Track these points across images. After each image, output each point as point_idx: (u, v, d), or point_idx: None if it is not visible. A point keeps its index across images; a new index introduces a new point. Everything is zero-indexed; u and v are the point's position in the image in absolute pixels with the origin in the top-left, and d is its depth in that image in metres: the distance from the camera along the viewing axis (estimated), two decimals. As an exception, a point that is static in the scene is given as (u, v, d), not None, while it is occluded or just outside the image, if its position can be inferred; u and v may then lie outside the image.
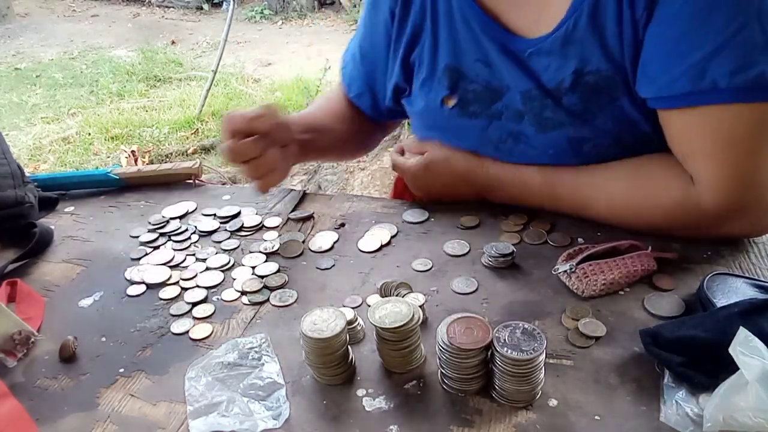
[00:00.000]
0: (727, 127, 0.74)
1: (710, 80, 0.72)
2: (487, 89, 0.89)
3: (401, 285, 0.79)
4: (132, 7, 7.93)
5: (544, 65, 0.83)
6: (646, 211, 0.83)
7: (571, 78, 0.81)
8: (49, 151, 4.06)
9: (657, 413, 0.60)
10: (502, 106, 0.88)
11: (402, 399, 0.65)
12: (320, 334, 0.64)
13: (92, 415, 0.67)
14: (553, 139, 0.86)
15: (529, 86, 0.85)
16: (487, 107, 0.89)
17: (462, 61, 0.90)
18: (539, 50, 0.83)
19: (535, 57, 0.83)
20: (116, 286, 0.87)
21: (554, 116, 0.84)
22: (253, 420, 0.62)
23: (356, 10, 6.96)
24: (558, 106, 0.84)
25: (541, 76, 0.84)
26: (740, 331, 0.57)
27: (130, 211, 1.06)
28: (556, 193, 0.89)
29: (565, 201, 0.89)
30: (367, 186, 3.15)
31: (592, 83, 0.81)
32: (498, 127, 0.90)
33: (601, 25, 0.78)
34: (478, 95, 0.90)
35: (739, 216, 0.79)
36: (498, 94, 0.88)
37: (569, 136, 0.85)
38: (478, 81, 0.89)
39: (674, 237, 0.84)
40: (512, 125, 0.88)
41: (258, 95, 4.83)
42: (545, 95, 0.84)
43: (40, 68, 5.84)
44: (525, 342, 0.61)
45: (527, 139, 0.88)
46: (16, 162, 1.02)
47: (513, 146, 0.90)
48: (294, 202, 1.04)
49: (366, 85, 1.07)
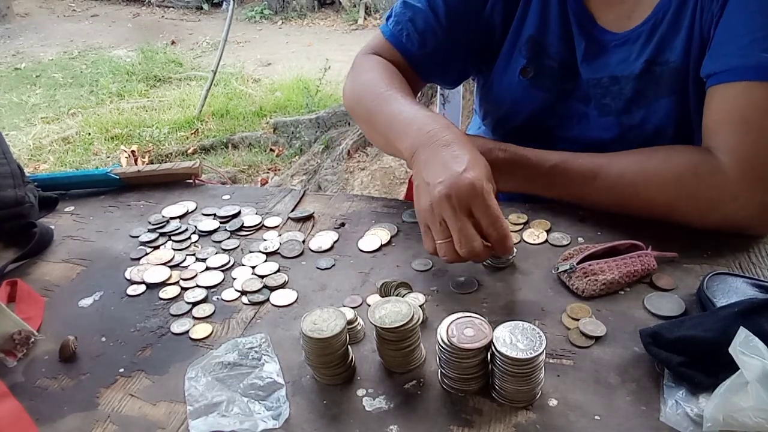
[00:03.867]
0: (760, 101, 0.78)
1: (756, 59, 0.77)
2: (562, 68, 0.95)
3: (401, 285, 0.79)
4: (132, 7, 7.93)
5: (624, 56, 0.90)
6: (658, 176, 0.83)
7: (641, 66, 0.89)
8: (49, 151, 4.06)
9: (657, 413, 0.60)
10: (573, 86, 0.95)
11: (402, 399, 0.65)
12: (320, 334, 0.64)
13: (92, 415, 0.67)
14: (608, 123, 0.94)
15: (602, 75, 0.92)
16: (560, 84, 0.96)
17: (546, 35, 0.95)
18: (624, 41, 0.90)
19: (618, 48, 0.91)
20: (116, 286, 0.87)
21: (613, 103, 0.93)
22: (253, 420, 0.62)
23: (356, 10, 6.96)
24: (620, 93, 0.91)
25: (616, 67, 0.91)
26: (740, 330, 0.57)
27: (130, 211, 1.06)
28: (568, 167, 0.89)
29: (575, 173, 0.89)
30: (367, 186, 3.15)
31: (658, 73, 0.88)
32: (566, 106, 0.97)
33: (682, 21, 0.86)
34: (553, 71, 0.96)
35: (752, 188, 0.79)
36: (571, 76, 0.95)
37: (621, 122, 0.93)
38: (556, 59, 0.95)
39: (678, 222, 0.84)
40: (580, 106, 0.96)
41: (258, 95, 4.83)
42: (613, 83, 0.92)
43: (40, 68, 5.85)
44: (525, 342, 0.61)
45: (588, 122, 0.96)
46: (16, 162, 1.02)
47: (575, 125, 0.98)
48: (294, 202, 1.04)
49: (440, 47, 1.00)
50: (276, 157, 3.85)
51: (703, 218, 0.83)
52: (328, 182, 3.22)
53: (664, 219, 0.85)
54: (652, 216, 0.86)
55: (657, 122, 0.91)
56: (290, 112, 4.43)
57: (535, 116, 1.01)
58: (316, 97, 4.45)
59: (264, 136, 4.03)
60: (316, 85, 4.54)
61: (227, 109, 4.50)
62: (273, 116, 4.36)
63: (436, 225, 0.75)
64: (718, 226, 0.83)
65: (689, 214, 0.83)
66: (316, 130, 3.93)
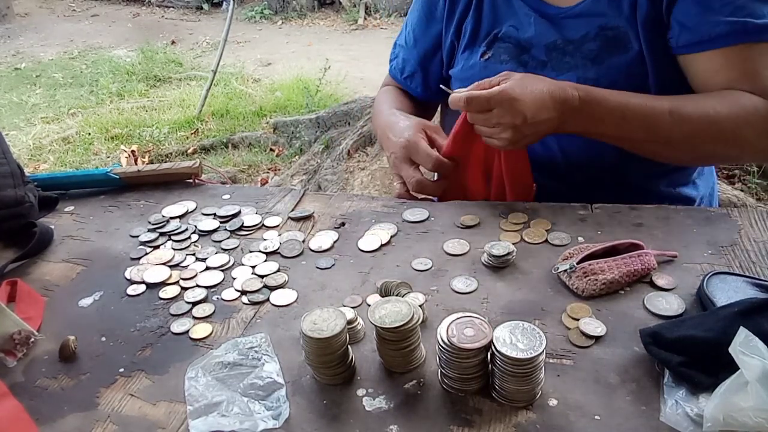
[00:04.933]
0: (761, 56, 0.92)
1: (742, 23, 0.90)
2: (516, 46, 1.08)
3: (401, 285, 0.79)
4: (132, 7, 7.94)
5: (572, 24, 1.04)
6: (731, 109, 0.91)
7: (596, 31, 1.01)
8: (49, 151, 4.06)
9: (657, 413, 0.60)
10: (528, 57, 1.07)
11: (402, 399, 0.65)
12: (320, 334, 0.64)
13: (92, 415, 0.67)
14: (567, 80, 0.98)
15: (556, 38, 1.05)
16: (516, 57, 1.08)
17: (500, 27, 1.10)
18: (570, 14, 1.04)
19: (566, 19, 1.04)
20: (116, 286, 0.87)
21: (572, 60, 1.03)
22: (253, 420, 0.62)
23: (356, 10, 6.96)
24: (577, 51, 1.03)
25: (568, 32, 1.04)
26: (740, 330, 0.57)
27: (130, 210, 1.06)
28: (641, 101, 0.94)
29: (648, 108, 0.93)
30: (367, 186, 3.14)
31: (611, 36, 1.00)
32: (524, 72, 1.02)
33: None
34: (508, 49, 1.09)
35: None
36: (525, 49, 1.07)
37: (578, 76, 1.01)
38: (510, 41, 1.09)
39: (738, 154, 0.98)
40: (537, 72, 1.02)
41: (258, 95, 4.83)
42: (568, 43, 1.04)
43: (40, 68, 5.85)
44: (525, 342, 0.61)
45: None
46: (16, 162, 1.02)
47: None
48: (294, 202, 1.04)
49: (418, 64, 1.23)
50: (276, 157, 3.85)
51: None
52: (328, 182, 3.22)
53: (730, 152, 0.98)
54: (716, 151, 0.97)
55: (612, 78, 0.99)
56: (290, 112, 4.43)
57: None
58: (316, 97, 4.45)
59: (264, 136, 4.03)
60: (316, 85, 4.54)
61: (227, 109, 4.50)
62: (273, 116, 4.37)
63: (398, 177, 1.06)
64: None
65: (756, 144, 0.94)
66: (316, 130, 3.93)
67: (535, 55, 1.06)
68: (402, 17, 6.77)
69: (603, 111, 0.92)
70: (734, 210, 0.91)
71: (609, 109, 0.92)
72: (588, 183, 1.05)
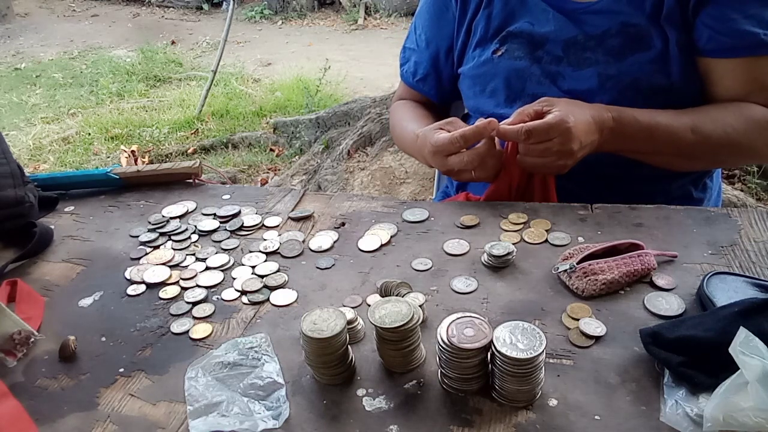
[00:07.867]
0: None
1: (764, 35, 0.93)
2: (530, 42, 1.08)
3: (401, 285, 0.79)
4: (132, 7, 7.93)
5: (593, 20, 1.03)
6: (747, 124, 0.95)
7: (618, 27, 1.01)
8: (49, 151, 4.06)
9: (657, 413, 0.60)
10: (542, 53, 1.07)
11: (402, 399, 0.65)
12: (320, 334, 0.64)
13: (92, 415, 0.67)
14: (586, 75, 1.02)
15: (576, 33, 1.04)
16: (530, 53, 1.08)
17: (513, 23, 1.10)
18: (590, 10, 1.04)
19: (586, 15, 1.04)
20: (116, 286, 0.87)
21: (593, 56, 1.03)
22: (253, 420, 0.62)
23: (356, 10, 6.96)
24: (599, 47, 1.02)
25: (589, 28, 1.04)
26: (740, 330, 0.57)
27: (130, 210, 1.06)
28: (666, 119, 0.96)
29: (673, 127, 0.96)
30: (367, 186, 3.14)
31: (634, 33, 1.00)
32: (538, 68, 1.07)
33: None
34: (521, 46, 1.09)
35: None
36: (540, 45, 1.07)
37: (599, 72, 1.01)
38: (524, 36, 1.09)
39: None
40: (552, 68, 1.05)
41: (258, 95, 4.83)
42: (589, 39, 1.03)
43: (40, 68, 5.85)
44: (525, 342, 0.61)
45: (564, 78, 1.05)
46: (16, 162, 1.02)
47: (551, 83, 1.05)
48: (294, 202, 1.04)
49: (431, 65, 1.22)
50: (276, 157, 3.85)
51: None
52: (328, 182, 3.22)
53: (745, 162, 1.07)
54: (732, 162, 1.07)
55: (634, 74, 1.00)
56: (290, 112, 4.43)
57: (516, 84, 1.09)
58: (316, 97, 4.45)
59: (264, 136, 4.03)
60: (316, 85, 4.54)
61: (227, 109, 4.50)
62: (273, 116, 4.36)
63: (443, 170, 1.02)
64: None
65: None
66: (316, 130, 3.93)
67: (551, 50, 1.06)
68: (402, 17, 6.77)
69: (634, 129, 0.96)
70: (734, 210, 0.91)
71: (639, 128, 0.96)
72: (599, 182, 1.04)
